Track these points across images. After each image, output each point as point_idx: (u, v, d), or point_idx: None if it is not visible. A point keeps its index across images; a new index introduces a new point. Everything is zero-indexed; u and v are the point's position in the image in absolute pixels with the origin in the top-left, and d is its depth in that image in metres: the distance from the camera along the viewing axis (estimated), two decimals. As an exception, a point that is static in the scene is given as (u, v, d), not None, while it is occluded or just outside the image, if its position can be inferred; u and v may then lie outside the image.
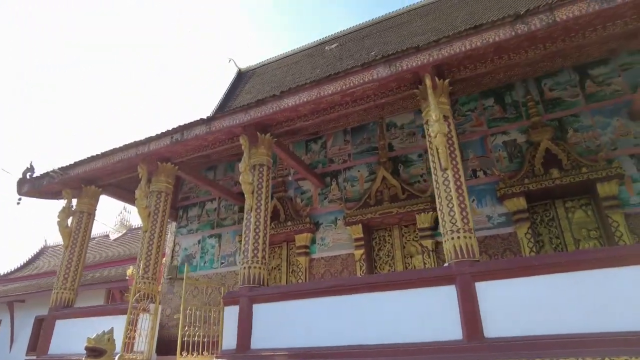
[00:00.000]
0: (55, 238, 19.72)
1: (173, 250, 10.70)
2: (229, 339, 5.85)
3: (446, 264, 5.05)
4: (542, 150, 7.32)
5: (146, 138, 7.42)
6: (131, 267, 12.03)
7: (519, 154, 7.69)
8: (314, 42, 17.00)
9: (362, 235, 8.29)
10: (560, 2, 4.83)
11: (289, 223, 9.02)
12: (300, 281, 8.60)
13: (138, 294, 6.45)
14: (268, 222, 6.61)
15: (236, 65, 17.98)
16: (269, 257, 9.71)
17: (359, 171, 9.07)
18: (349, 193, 8.96)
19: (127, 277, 11.83)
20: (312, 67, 14.62)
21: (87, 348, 4.87)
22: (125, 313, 6.80)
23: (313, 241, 8.92)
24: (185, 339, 5.77)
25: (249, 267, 6.16)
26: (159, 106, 64.82)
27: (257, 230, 6.43)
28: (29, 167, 9.21)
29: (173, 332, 9.37)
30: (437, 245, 7.67)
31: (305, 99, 6.14)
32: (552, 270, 4.44)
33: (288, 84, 12.99)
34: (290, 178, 9.51)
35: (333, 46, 15.64)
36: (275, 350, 5.45)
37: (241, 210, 10.17)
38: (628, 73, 7.38)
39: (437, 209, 5.37)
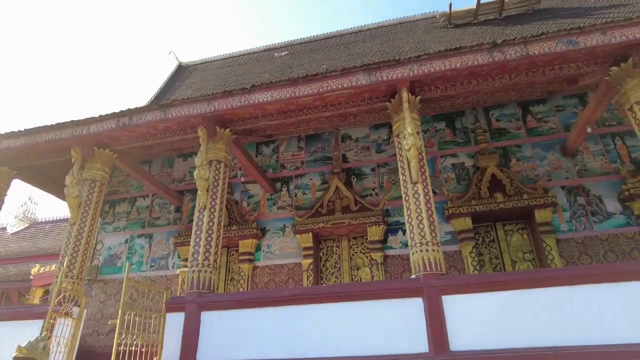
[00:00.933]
0: None
1: (94, 248, 9.51)
2: (171, 350, 5.23)
3: (413, 276, 5.04)
4: (488, 175, 7.81)
5: (87, 119, 6.53)
6: (37, 265, 10.43)
7: (466, 177, 8.11)
8: (261, 46, 16.74)
9: (311, 245, 8.09)
10: (533, 38, 5.21)
11: (234, 227, 8.51)
12: (241, 289, 8.10)
13: (61, 295, 5.54)
14: (222, 223, 6.13)
15: (177, 59, 17.04)
16: (207, 262, 9.07)
17: (311, 179, 8.91)
18: (300, 201, 8.74)
19: (30, 277, 10.20)
20: (260, 70, 14.28)
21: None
22: (41, 317, 5.84)
23: (258, 248, 8.51)
24: (121, 348, 5.03)
25: (199, 271, 5.62)
26: (82, 93, 58.83)
27: (210, 232, 5.91)
28: None
29: (89, 341, 8.26)
30: (386, 258, 7.75)
31: (277, 97, 5.86)
32: (516, 286, 4.64)
33: (232, 84, 12.52)
34: (241, 179, 9.04)
35: (283, 53, 15.49)
36: (226, 363, 4.98)
37: (177, 210, 9.43)
38: (562, 114, 8.21)
39: (406, 222, 5.38)
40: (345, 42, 14.55)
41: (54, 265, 11.04)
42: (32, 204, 15.45)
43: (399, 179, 8.33)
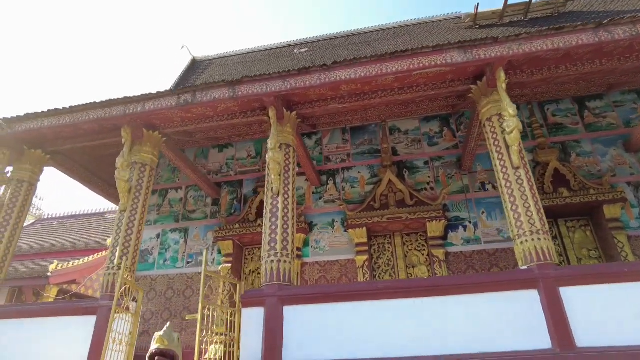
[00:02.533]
0: None
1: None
2: (251, 349, 4.69)
3: (524, 267, 4.66)
4: (551, 169, 7.53)
5: (142, 95, 5.97)
6: (55, 262, 9.63)
7: (525, 172, 7.81)
8: (280, 43, 16.35)
9: (365, 240, 7.64)
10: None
11: (280, 221, 7.98)
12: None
13: (123, 288, 4.94)
14: (295, 210, 5.64)
15: (190, 53, 16.46)
16: (249, 259, 8.53)
17: (359, 172, 8.49)
18: (349, 194, 8.29)
19: (48, 274, 9.38)
20: (279, 66, 13.88)
21: (157, 352, 3.42)
22: (91, 313, 5.25)
23: (306, 243, 8.01)
24: (203, 346, 4.47)
25: (279, 261, 5.11)
26: (89, 88, 56.57)
27: (286, 219, 5.42)
28: None
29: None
30: (448, 255, 7.35)
31: (361, 74, 5.43)
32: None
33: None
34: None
35: (303, 50, 15.10)
36: (317, 362, 4.47)
37: (215, 203, 8.86)
38: (621, 110, 8.03)
39: (508, 209, 5.00)
40: (368, 39, 14.24)
41: (71, 262, 10.26)
42: (37, 199, 14.52)
43: (455, 172, 8.04)
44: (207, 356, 5.25)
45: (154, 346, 3.68)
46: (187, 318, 5.13)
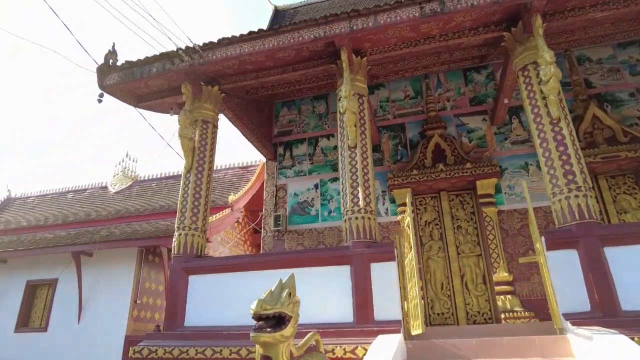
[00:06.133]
0: (22, 189, 15.10)
1: (276, 196, 8.16)
2: (571, 296, 3.89)
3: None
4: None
5: (374, 7, 5.00)
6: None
7: None
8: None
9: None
10: None
11: (467, 165, 7.09)
12: (490, 237, 6.76)
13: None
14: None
15: (270, 2, 15.20)
16: (422, 209, 7.70)
17: (549, 109, 7.42)
18: (540, 134, 7.28)
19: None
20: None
21: (258, 316, 2.56)
22: (342, 263, 4.53)
23: (498, 190, 7.12)
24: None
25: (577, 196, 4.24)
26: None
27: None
28: (111, 49, 6.19)
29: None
30: (682, 197, 6.35)
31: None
32: None
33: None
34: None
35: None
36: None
37: (375, 149, 7.97)
38: None
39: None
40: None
41: (214, 216, 9.79)
42: (130, 162, 14.03)
43: (678, 103, 6.90)
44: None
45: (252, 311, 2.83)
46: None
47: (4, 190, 15.09)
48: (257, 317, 2.46)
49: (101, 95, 5.93)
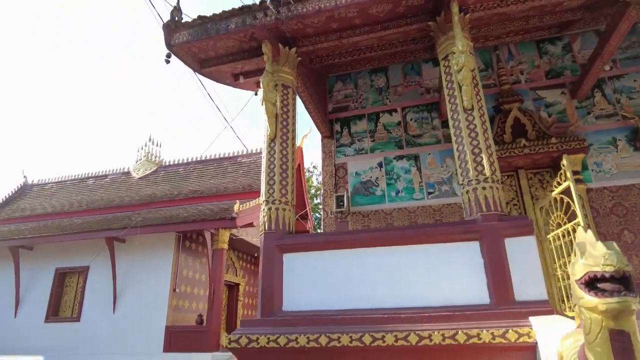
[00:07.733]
0: (38, 174, 14.28)
1: (335, 175, 7.59)
2: None
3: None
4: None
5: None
6: (237, 202, 8.41)
7: None
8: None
9: (673, 159, 6.22)
10: None
11: (553, 140, 6.58)
12: (585, 216, 6.26)
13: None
14: None
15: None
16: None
17: (635, 80, 6.93)
18: (628, 107, 6.79)
19: (234, 215, 8.19)
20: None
21: (622, 274, 2.00)
22: (469, 239, 4.01)
23: (584, 166, 6.63)
24: None
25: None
26: None
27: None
28: (176, 6, 5.56)
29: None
30: None
31: None
32: None
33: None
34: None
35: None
36: None
37: (445, 124, 7.43)
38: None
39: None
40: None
41: (252, 202, 9.13)
42: (153, 146, 13.30)
43: None
44: None
45: (599, 269, 2.18)
46: None
47: (20, 177, 14.28)
48: (621, 275, 1.85)
49: (168, 56, 5.33)
